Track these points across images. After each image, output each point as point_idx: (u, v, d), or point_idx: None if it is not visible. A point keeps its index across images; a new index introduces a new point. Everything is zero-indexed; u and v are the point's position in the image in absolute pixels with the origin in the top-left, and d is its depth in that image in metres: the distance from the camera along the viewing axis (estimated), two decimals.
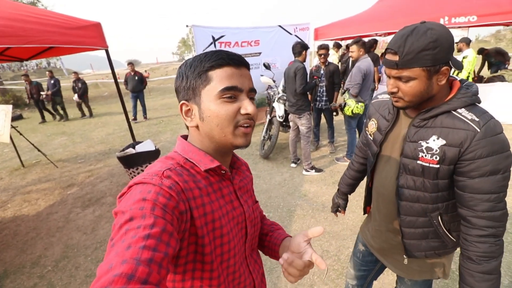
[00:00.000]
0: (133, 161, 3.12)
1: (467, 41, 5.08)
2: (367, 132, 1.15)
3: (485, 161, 0.80)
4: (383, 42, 13.78)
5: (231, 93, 0.59)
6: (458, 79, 0.94)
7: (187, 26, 5.31)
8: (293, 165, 3.99)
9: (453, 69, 0.84)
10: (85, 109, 9.26)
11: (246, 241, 0.72)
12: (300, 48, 3.35)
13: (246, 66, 0.64)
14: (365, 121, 1.21)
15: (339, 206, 1.45)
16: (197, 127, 0.64)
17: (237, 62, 0.61)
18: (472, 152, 0.81)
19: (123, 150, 3.17)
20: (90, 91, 9.59)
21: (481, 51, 7.30)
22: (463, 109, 0.85)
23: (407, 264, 1.11)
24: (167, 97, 12.70)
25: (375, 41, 5.98)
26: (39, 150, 4.72)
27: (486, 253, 0.84)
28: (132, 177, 3.20)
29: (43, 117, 8.96)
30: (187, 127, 0.68)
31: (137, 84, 7.64)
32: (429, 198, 0.94)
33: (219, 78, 0.59)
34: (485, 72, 7.51)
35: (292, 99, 3.55)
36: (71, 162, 4.98)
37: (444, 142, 0.85)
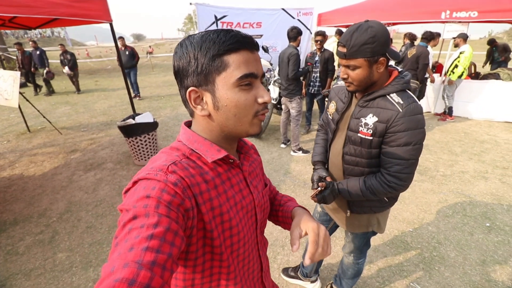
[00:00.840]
0: (133, 131, 3.36)
1: (464, 37, 5.13)
2: (328, 113, 1.34)
3: (401, 135, 1.03)
4: (394, 31, 13.58)
5: (248, 80, 0.56)
6: (399, 69, 1.15)
7: (190, 3, 5.37)
8: (282, 145, 4.24)
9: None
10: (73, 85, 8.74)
11: (256, 228, 0.72)
12: (296, 34, 3.49)
13: (258, 49, 0.61)
14: (326, 104, 1.43)
15: (318, 179, 1.38)
16: (208, 116, 0.59)
17: (252, 45, 0.57)
18: (394, 127, 1.04)
19: (124, 120, 3.41)
20: (93, 63, 9.65)
21: (490, 42, 7.26)
22: (394, 94, 1.07)
23: (349, 217, 1.36)
24: (169, 74, 12.75)
25: None
26: (44, 117, 4.97)
27: (376, 191, 1.13)
28: (131, 146, 3.47)
29: (36, 89, 8.63)
30: (191, 115, 0.64)
31: (128, 59, 7.17)
32: (365, 163, 1.18)
33: (237, 63, 0.54)
34: (484, 69, 7.56)
35: (284, 83, 3.73)
36: (74, 130, 5.25)
37: (376, 119, 1.07)
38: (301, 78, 3.82)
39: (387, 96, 1.07)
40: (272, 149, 4.22)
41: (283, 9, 6.15)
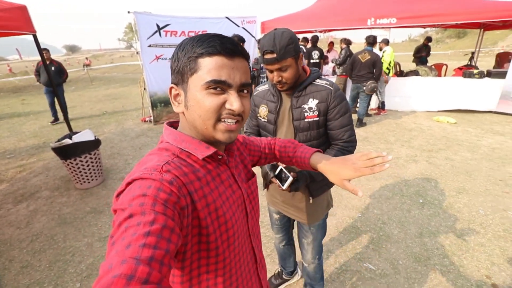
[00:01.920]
0: (71, 152, 3.04)
1: (385, 41, 5.96)
2: (259, 117, 1.37)
3: (341, 106, 1.23)
4: (331, 37, 14.85)
5: (217, 86, 0.56)
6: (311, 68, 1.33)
7: (128, 12, 5.13)
8: None
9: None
10: None
11: (248, 221, 0.74)
12: (237, 41, 3.57)
13: (243, 55, 0.59)
14: (250, 112, 1.51)
15: (271, 167, 1.33)
16: (183, 113, 0.62)
17: (230, 51, 0.56)
18: (333, 102, 1.22)
19: (59, 141, 3.06)
20: (18, 80, 8.53)
21: (428, 39, 7.91)
22: (317, 80, 1.26)
23: (312, 205, 1.39)
24: (112, 87, 11.89)
25: (317, 37, 6.54)
26: None
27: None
28: (70, 169, 3.13)
29: None
30: None
31: (54, 76, 5.92)
32: (316, 143, 1.29)
33: (208, 68, 0.55)
34: (408, 66, 8.70)
35: None
36: None
37: (317, 101, 1.22)
38: None
39: (314, 83, 1.25)
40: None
41: (227, 17, 6.25)
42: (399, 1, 6.17)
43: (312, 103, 1.22)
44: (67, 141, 3.03)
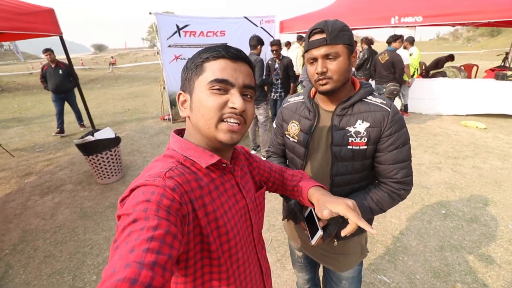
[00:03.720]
0: (92, 148, 3.18)
1: (410, 40, 5.62)
2: (288, 136, 1.11)
3: (398, 135, 0.93)
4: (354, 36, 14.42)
5: (221, 86, 0.58)
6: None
7: (150, 13, 5.27)
8: (253, 151, 4.26)
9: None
10: None
11: (252, 231, 0.73)
12: (256, 42, 3.56)
13: (246, 61, 0.63)
14: (274, 126, 1.22)
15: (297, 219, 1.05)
16: (188, 117, 0.64)
17: (234, 55, 0.60)
18: (389, 129, 0.93)
19: (82, 138, 3.21)
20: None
21: (451, 58, 7.43)
22: (370, 96, 0.98)
23: (338, 247, 1.11)
24: (135, 85, 12.32)
25: None
26: None
27: (386, 204, 0.99)
28: (92, 164, 3.28)
29: None
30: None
31: (62, 81, 5.24)
32: (357, 178, 1.02)
33: (212, 69, 0.59)
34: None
35: None
36: (28, 151, 4.83)
37: (368, 124, 0.94)
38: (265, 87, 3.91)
39: (366, 100, 0.97)
40: None
41: (245, 17, 6.25)
42: None
43: (361, 126, 0.94)
44: (90, 138, 3.17)
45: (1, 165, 4.28)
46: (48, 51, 5.17)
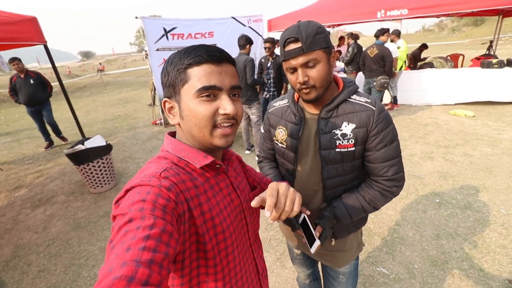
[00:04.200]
0: (83, 157, 3.12)
1: (397, 33, 5.67)
2: (276, 141, 1.10)
3: (385, 133, 0.92)
4: (341, 31, 14.48)
5: (209, 92, 0.57)
6: (337, 74, 1.11)
7: (136, 17, 5.20)
8: (247, 151, 4.25)
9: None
10: None
11: (248, 230, 0.74)
12: (244, 42, 3.54)
13: (229, 61, 0.62)
14: (262, 132, 1.21)
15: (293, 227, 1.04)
16: (179, 125, 0.64)
17: (217, 58, 0.58)
18: (376, 128, 0.91)
19: (72, 147, 3.15)
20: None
21: (425, 46, 7.64)
22: (354, 95, 0.95)
23: (336, 246, 1.12)
24: (124, 91, 12.16)
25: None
26: None
27: (378, 202, 0.98)
28: (84, 174, 3.21)
29: None
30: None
31: (35, 91, 4.76)
32: (349, 178, 1.01)
33: (197, 76, 0.57)
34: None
35: (242, 90, 3.74)
36: (17, 163, 4.72)
37: (354, 125, 0.92)
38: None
39: (350, 100, 0.95)
40: None
41: (233, 17, 6.22)
42: None
43: (347, 128, 0.92)
44: (80, 147, 3.11)
45: None
46: (15, 60, 4.62)
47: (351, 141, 0.93)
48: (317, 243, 0.86)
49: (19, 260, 2.45)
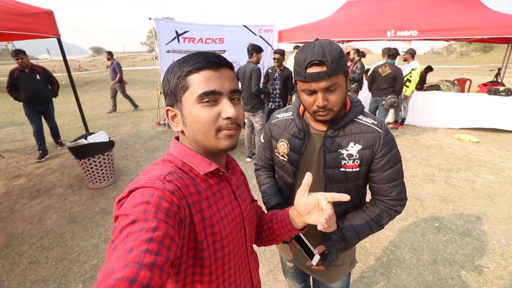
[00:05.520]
0: (85, 152, 3.12)
1: (412, 53, 5.53)
2: (277, 154, 1.08)
3: (391, 155, 0.93)
4: (350, 47, 14.58)
5: (210, 97, 0.58)
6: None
7: (150, 18, 5.29)
8: (248, 159, 4.24)
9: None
10: None
11: (246, 240, 0.74)
12: (252, 50, 3.59)
13: (227, 66, 0.63)
14: (262, 141, 1.19)
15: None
16: (182, 132, 0.64)
17: (215, 64, 0.60)
18: (382, 150, 0.92)
19: (75, 140, 3.16)
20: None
21: (430, 69, 7.69)
22: (361, 115, 0.96)
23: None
24: (132, 89, 12.26)
25: None
26: None
27: (384, 221, 0.99)
28: (84, 168, 3.22)
29: None
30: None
31: (40, 88, 4.15)
32: (351, 197, 1.01)
33: (197, 83, 0.58)
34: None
35: (247, 98, 3.78)
36: (19, 152, 4.74)
37: (360, 146, 0.92)
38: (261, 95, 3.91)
39: (357, 120, 0.95)
40: (238, 163, 4.20)
41: (244, 25, 6.32)
42: (421, 12, 6.01)
43: (353, 149, 0.92)
44: (83, 141, 3.12)
45: None
46: (19, 53, 3.93)
47: (357, 162, 0.93)
48: (317, 257, 0.86)
49: (11, 250, 2.43)
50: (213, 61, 0.60)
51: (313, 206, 0.69)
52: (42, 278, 2.12)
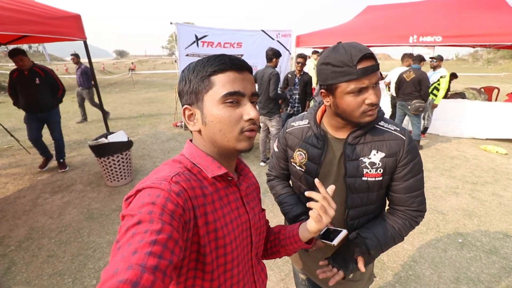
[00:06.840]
0: (105, 151, 3.23)
1: (439, 59, 5.41)
2: (294, 164, 1.04)
3: (414, 164, 0.89)
4: None
5: (233, 98, 0.59)
6: None
7: (171, 23, 5.44)
8: (262, 164, 4.22)
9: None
10: None
11: (251, 249, 0.71)
12: (272, 55, 3.59)
13: (249, 70, 0.64)
14: (276, 150, 1.13)
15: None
16: (199, 131, 0.64)
17: (240, 66, 0.61)
18: (405, 158, 0.88)
19: (96, 139, 3.27)
20: (72, 79, 9.42)
21: (454, 76, 7.56)
22: (382, 122, 0.92)
23: (350, 277, 1.04)
24: (151, 91, 12.66)
25: None
26: (11, 135, 4.69)
27: (405, 232, 0.95)
28: (103, 166, 3.32)
29: None
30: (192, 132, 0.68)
31: (40, 94, 3.56)
32: (373, 208, 0.97)
33: (222, 83, 0.59)
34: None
35: (264, 102, 3.77)
36: None
37: (384, 154, 0.88)
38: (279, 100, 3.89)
39: (378, 126, 0.91)
40: (252, 167, 4.18)
41: (262, 30, 6.36)
42: (445, 17, 5.77)
43: (376, 157, 0.88)
44: (103, 140, 3.23)
45: (17, 161, 4.41)
46: (18, 55, 3.32)
47: (380, 171, 0.89)
48: (343, 232, 0.80)
49: (31, 242, 2.53)
50: (237, 63, 0.61)
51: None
52: (58, 272, 2.19)
